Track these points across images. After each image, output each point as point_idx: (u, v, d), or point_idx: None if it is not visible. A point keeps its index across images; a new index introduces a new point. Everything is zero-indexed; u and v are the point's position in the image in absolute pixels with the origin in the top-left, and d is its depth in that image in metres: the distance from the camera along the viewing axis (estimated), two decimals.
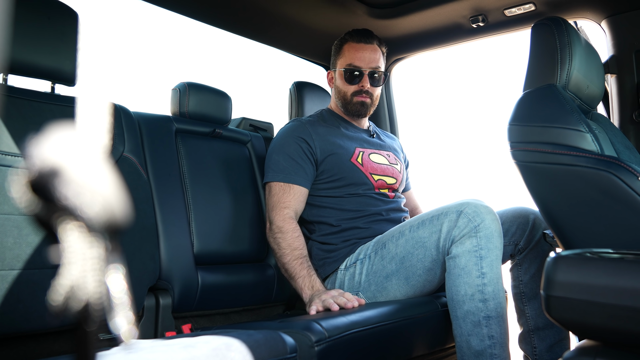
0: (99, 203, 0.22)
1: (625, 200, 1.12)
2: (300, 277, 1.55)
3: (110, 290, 0.23)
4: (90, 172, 0.23)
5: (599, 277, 0.73)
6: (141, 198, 1.42)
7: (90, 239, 0.22)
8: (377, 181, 1.76)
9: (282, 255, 1.60)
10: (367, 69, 1.80)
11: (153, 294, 1.44)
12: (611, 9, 1.79)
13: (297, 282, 1.55)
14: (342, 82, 1.84)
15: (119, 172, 1.39)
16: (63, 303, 0.21)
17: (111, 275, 0.24)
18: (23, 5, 1.24)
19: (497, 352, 1.32)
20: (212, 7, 1.93)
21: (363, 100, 1.82)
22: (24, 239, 1.15)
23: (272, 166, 1.72)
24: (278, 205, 1.66)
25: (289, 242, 1.60)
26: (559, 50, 1.32)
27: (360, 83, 1.80)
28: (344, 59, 1.83)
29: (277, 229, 1.62)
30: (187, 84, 1.74)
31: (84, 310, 0.22)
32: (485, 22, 2.02)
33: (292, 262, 1.57)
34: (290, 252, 1.59)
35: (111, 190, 0.23)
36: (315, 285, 1.53)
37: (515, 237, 1.65)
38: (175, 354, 0.84)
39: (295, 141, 1.72)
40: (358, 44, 1.82)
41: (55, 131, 0.24)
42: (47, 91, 1.36)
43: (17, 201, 0.24)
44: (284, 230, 1.61)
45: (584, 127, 1.22)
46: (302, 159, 1.70)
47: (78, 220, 0.22)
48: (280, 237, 1.61)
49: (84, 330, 0.23)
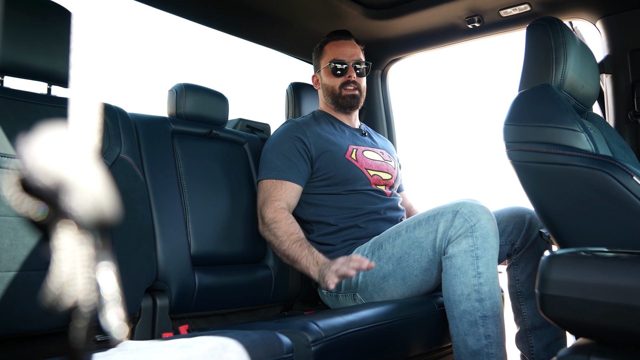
0: (89, 201, 0.23)
1: (620, 200, 1.12)
2: (302, 258, 1.53)
3: (101, 287, 0.24)
4: (80, 170, 0.23)
5: (593, 276, 0.74)
6: (138, 199, 1.42)
7: (81, 237, 0.23)
8: (372, 176, 1.76)
9: (281, 243, 1.58)
10: (351, 61, 1.85)
11: (150, 295, 1.44)
12: (606, 9, 1.80)
13: (301, 263, 1.53)
14: (328, 78, 1.87)
15: (116, 174, 1.39)
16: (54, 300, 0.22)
17: (102, 272, 0.24)
18: (18, 7, 1.24)
19: (494, 351, 1.33)
20: (208, 9, 1.93)
21: (352, 93, 1.85)
22: (20, 240, 1.15)
23: (265, 165, 1.72)
24: (268, 199, 1.65)
25: (284, 229, 1.59)
26: (554, 51, 1.33)
27: (347, 74, 1.84)
28: (327, 57, 1.88)
29: (269, 221, 1.62)
30: (184, 85, 1.75)
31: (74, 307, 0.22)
32: (481, 23, 2.02)
33: (291, 246, 1.56)
34: (287, 237, 1.58)
35: (101, 188, 0.24)
36: (320, 259, 1.51)
37: (512, 237, 1.66)
38: (171, 355, 0.84)
39: (289, 140, 1.73)
40: (338, 41, 1.88)
41: (46, 131, 0.24)
42: (44, 93, 1.36)
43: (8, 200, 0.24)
44: (277, 220, 1.61)
45: (578, 127, 1.22)
46: (296, 157, 1.71)
47: (68, 218, 0.22)
48: (275, 227, 1.60)
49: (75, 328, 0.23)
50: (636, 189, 1.11)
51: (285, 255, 1.58)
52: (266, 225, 1.63)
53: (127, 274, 1.34)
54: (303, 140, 1.73)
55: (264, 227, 1.64)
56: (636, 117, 1.75)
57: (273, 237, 1.60)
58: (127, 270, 1.34)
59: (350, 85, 1.84)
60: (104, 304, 0.24)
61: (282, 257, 1.62)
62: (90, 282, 0.23)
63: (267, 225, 1.62)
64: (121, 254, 1.33)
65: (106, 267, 0.24)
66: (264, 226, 1.64)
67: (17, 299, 1.12)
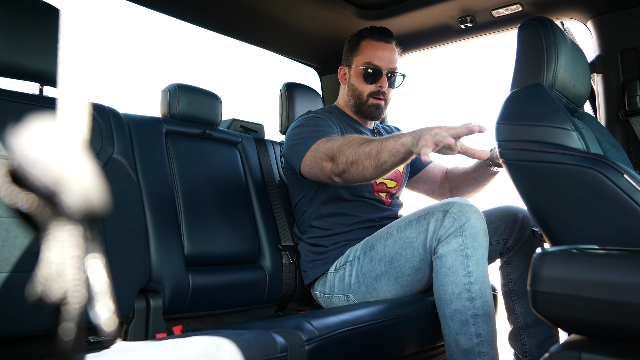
0: (79, 193, 0.23)
1: (611, 198, 1.13)
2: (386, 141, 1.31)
3: (90, 279, 0.24)
4: (69, 162, 0.23)
5: (584, 273, 0.74)
6: (131, 200, 1.42)
7: (70, 229, 0.23)
8: (378, 184, 1.75)
9: (359, 148, 1.36)
10: (386, 69, 1.74)
11: (144, 296, 1.44)
12: (597, 9, 1.82)
13: (388, 144, 1.30)
14: (358, 81, 1.76)
15: (109, 174, 1.39)
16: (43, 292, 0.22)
17: (91, 264, 0.24)
18: (9, 7, 1.23)
19: (485, 349, 1.33)
20: (201, 9, 1.93)
21: (378, 103, 1.75)
22: (13, 241, 1.14)
23: (304, 137, 1.55)
24: (328, 142, 1.46)
25: (358, 138, 1.39)
26: (545, 50, 1.34)
27: (379, 83, 1.74)
28: (362, 57, 1.75)
29: (339, 145, 1.40)
30: (177, 85, 1.74)
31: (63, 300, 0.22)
32: (474, 23, 2.03)
33: (371, 143, 1.34)
34: (362, 140, 1.38)
35: (90, 180, 0.24)
36: (405, 131, 1.32)
37: (504, 236, 1.66)
38: (165, 354, 0.84)
39: (317, 119, 1.65)
40: (378, 43, 1.75)
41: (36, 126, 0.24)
42: (35, 93, 1.35)
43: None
44: (347, 138, 1.41)
45: (570, 126, 1.23)
46: (330, 127, 1.62)
47: (58, 209, 0.22)
48: (347, 144, 1.39)
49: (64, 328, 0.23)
50: (627, 187, 1.12)
51: (368, 155, 1.33)
52: (339, 152, 1.40)
53: (121, 274, 1.33)
54: (328, 121, 1.66)
55: (338, 158, 1.40)
56: (627, 116, 1.76)
57: (349, 150, 1.37)
58: (120, 271, 1.33)
59: (380, 95, 1.74)
60: (93, 296, 0.24)
61: (365, 167, 1.35)
62: (79, 273, 0.23)
63: (340, 152, 1.40)
64: (114, 255, 1.33)
65: (95, 259, 0.24)
66: (337, 159, 1.41)
67: (10, 300, 1.12)
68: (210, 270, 1.61)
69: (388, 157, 1.30)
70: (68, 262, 0.22)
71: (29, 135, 0.24)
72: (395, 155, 1.29)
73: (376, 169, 1.34)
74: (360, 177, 1.38)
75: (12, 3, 1.24)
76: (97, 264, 0.24)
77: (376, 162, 1.32)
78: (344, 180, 1.43)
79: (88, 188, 0.23)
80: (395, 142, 1.29)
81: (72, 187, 0.23)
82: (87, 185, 0.23)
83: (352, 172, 1.37)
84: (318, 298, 1.71)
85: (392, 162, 1.31)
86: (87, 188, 0.23)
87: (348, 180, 1.42)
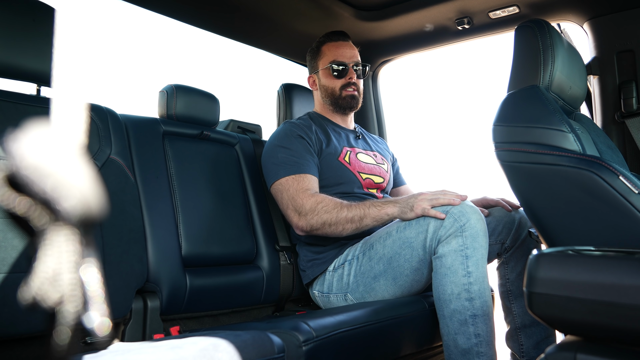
0: (75, 196, 0.23)
1: (607, 199, 1.14)
2: (370, 207, 1.52)
3: (85, 283, 0.24)
4: (66, 166, 0.23)
5: (579, 274, 0.75)
6: (128, 200, 1.42)
7: (66, 233, 0.23)
8: (365, 180, 1.77)
9: (338, 212, 1.53)
10: (351, 63, 1.86)
11: (141, 297, 1.43)
12: (593, 11, 1.83)
13: (370, 213, 1.50)
14: (329, 80, 1.87)
15: (106, 175, 1.39)
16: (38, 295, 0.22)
17: (86, 269, 0.24)
18: (7, 7, 1.23)
19: (484, 350, 1.34)
20: (198, 10, 1.93)
21: (352, 94, 1.86)
22: (9, 242, 1.14)
23: (279, 164, 1.67)
24: (298, 191, 1.60)
25: (333, 202, 1.55)
26: (542, 52, 1.34)
27: (347, 76, 1.85)
28: (326, 58, 1.88)
29: (313, 205, 1.56)
30: (175, 86, 1.74)
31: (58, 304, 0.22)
32: (471, 25, 2.04)
33: (350, 209, 1.53)
34: (340, 205, 1.54)
35: (87, 184, 0.24)
36: (392, 199, 1.54)
37: (502, 236, 1.67)
38: (162, 355, 0.84)
39: (296, 139, 1.72)
40: (337, 42, 1.89)
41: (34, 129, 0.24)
42: (33, 94, 1.35)
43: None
44: (320, 200, 1.57)
45: (566, 127, 1.24)
46: (308, 152, 1.70)
47: (55, 213, 0.22)
48: (323, 205, 1.55)
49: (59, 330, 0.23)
50: (622, 189, 1.12)
51: (350, 220, 1.52)
52: (311, 212, 1.56)
53: (118, 275, 1.33)
54: (307, 139, 1.73)
55: (310, 216, 1.56)
56: (623, 118, 1.77)
57: (326, 214, 1.54)
58: (117, 272, 1.33)
59: (351, 87, 1.86)
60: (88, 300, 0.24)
61: (345, 229, 1.55)
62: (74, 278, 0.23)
63: (312, 212, 1.56)
64: (112, 255, 1.33)
65: (91, 263, 0.24)
66: (307, 216, 1.57)
67: (6, 301, 1.11)
68: (208, 271, 1.61)
69: (371, 222, 1.52)
70: (64, 266, 0.23)
71: (27, 139, 0.24)
72: (379, 221, 1.51)
73: (356, 230, 1.54)
74: (334, 235, 1.58)
75: (10, 3, 1.24)
76: (92, 269, 0.24)
77: (358, 225, 1.53)
78: (310, 233, 1.61)
79: (85, 193, 0.23)
80: (379, 211, 1.50)
81: (70, 192, 0.23)
82: (85, 190, 0.24)
83: (326, 230, 1.56)
84: (316, 297, 1.71)
85: (373, 225, 1.53)
86: (85, 193, 0.23)
87: (315, 234, 1.61)
